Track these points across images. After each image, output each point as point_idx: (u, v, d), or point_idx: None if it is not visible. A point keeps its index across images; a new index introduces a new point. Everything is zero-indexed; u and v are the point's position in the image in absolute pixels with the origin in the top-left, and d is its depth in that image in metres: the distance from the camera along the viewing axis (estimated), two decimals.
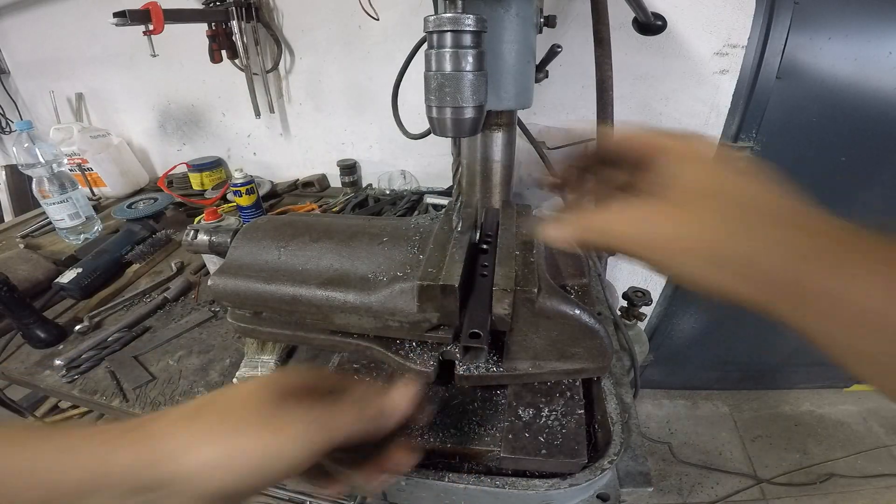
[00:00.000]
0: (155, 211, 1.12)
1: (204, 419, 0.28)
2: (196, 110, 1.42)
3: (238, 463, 0.26)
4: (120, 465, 0.26)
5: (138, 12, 0.91)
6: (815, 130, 1.11)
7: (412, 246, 0.51)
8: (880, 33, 0.98)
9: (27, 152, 0.98)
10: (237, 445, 0.27)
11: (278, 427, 0.27)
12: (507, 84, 0.49)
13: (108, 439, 0.27)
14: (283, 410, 0.28)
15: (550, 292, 0.43)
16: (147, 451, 0.26)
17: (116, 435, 0.27)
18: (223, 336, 0.73)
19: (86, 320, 0.77)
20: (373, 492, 0.32)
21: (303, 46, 1.22)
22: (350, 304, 0.47)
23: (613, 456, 0.45)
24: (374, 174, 1.32)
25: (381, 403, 0.32)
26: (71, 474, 0.26)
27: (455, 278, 0.43)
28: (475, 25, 0.39)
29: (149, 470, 0.26)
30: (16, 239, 1.09)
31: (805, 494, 1.45)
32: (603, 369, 0.50)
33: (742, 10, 0.95)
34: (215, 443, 0.27)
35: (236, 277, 0.51)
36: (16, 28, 1.42)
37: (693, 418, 1.71)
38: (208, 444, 0.27)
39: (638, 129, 0.30)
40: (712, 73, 1.03)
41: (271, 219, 0.59)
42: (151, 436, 0.27)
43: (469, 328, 0.39)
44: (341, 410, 0.30)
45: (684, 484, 1.50)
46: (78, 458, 0.26)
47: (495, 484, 0.43)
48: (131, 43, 1.27)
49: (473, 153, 0.54)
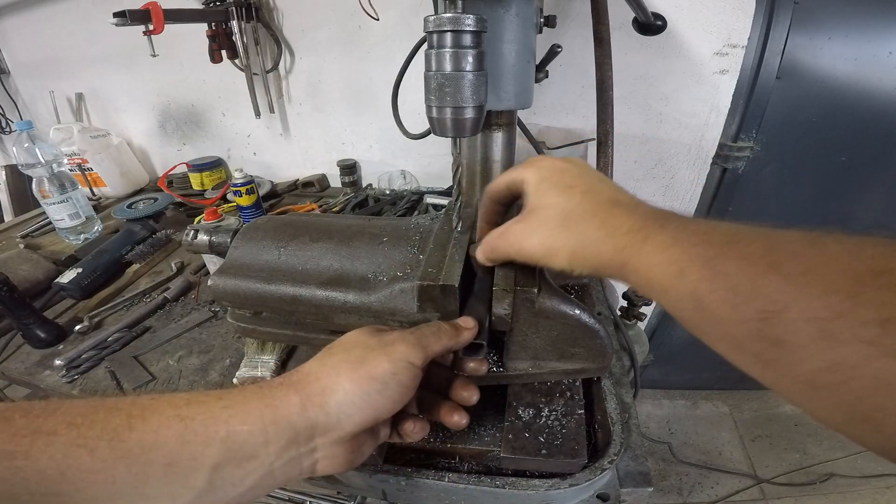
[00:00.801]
0: (155, 211, 1.12)
1: (334, 356, 0.33)
2: (196, 110, 1.42)
3: (367, 390, 0.31)
4: (286, 412, 0.29)
5: (138, 12, 0.91)
6: (815, 130, 1.11)
7: (412, 246, 0.51)
8: (880, 33, 0.98)
9: (27, 152, 0.98)
10: (366, 373, 0.31)
11: (388, 351, 0.33)
12: (507, 84, 0.49)
13: (265, 392, 0.30)
14: (384, 339, 0.34)
15: (550, 292, 0.43)
16: (301, 397, 0.30)
17: (272, 386, 0.31)
18: (223, 336, 0.73)
19: (86, 320, 0.77)
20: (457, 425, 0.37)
21: (303, 46, 1.22)
22: (350, 304, 0.47)
23: (613, 456, 0.45)
24: (374, 174, 1.32)
25: (455, 324, 0.39)
26: (242, 427, 0.28)
27: (455, 278, 0.43)
28: (475, 25, 0.39)
29: (302, 416, 0.29)
30: (16, 239, 1.09)
31: (805, 494, 1.45)
32: (603, 369, 0.50)
33: (742, 10, 0.95)
34: (350, 376, 0.31)
35: (236, 277, 0.51)
36: (16, 28, 1.42)
37: (693, 418, 1.71)
38: (345, 377, 0.31)
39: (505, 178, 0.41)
40: (712, 73, 1.03)
41: (271, 219, 0.59)
42: (300, 382, 0.31)
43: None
44: (426, 334, 0.36)
45: (684, 484, 1.50)
46: (248, 408, 0.28)
47: (495, 484, 0.43)
48: (131, 43, 1.26)
49: (473, 153, 0.54)
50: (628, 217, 0.31)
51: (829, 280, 0.20)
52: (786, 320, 0.21)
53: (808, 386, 0.21)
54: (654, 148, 1.15)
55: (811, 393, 0.21)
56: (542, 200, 0.36)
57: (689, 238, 0.27)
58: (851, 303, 0.19)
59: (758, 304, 0.22)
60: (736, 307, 0.23)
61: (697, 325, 0.26)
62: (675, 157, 1.17)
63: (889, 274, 0.19)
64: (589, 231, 0.32)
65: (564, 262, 0.34)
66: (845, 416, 0.20)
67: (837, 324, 0.19)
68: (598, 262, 0.32)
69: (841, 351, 0.19)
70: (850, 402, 0.19)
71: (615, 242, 0.31)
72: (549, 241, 0.35)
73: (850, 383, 0.19)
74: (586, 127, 1.10)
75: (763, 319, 0.22)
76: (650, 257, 0.28)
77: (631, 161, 1.18)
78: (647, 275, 0.29)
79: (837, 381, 0.20)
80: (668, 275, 0.27)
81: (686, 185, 1.21)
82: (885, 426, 0.19)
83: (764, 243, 0.24)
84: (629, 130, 1.13)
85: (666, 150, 1.16)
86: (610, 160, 0.73)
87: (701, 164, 1.17)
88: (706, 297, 0.25)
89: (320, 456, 0.31)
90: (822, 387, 0.20)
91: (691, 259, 0.26)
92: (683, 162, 1.17)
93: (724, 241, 0.25)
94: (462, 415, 0.37)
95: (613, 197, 0.34)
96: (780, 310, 0.22)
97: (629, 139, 1.14)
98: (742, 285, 0.23)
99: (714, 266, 0.25)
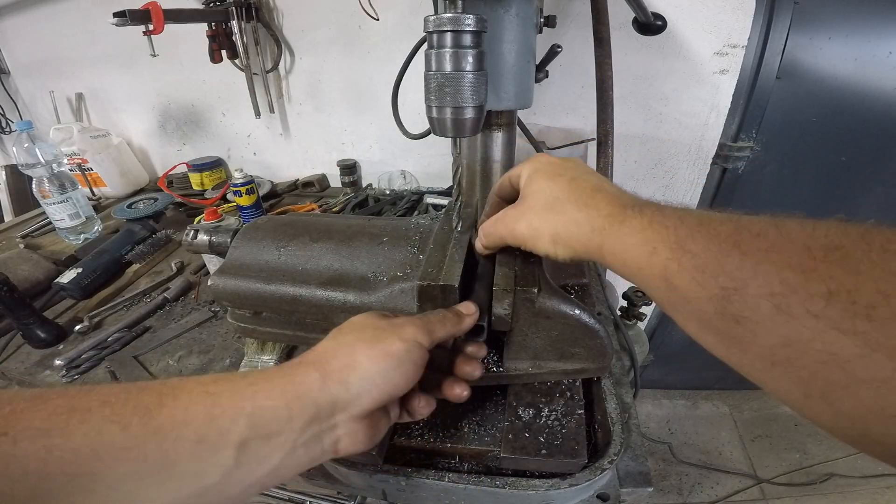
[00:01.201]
0: (155, 211, 1.12)
1: (347, 336, 0.34)
2: (196, 110, 1.42)
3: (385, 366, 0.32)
4: (308, 387, 0.30)
5: (138, 12, 0.91)
6: (815, 130, 1.11)
7: (412, 246, 0.51)
8: (880, 33, 0.98)
9: (27, 152, 0.98)
10: (382, 350, 0.32)
11: (399, 332, 0.34)
12: (507, 84, 0.48)
13: (286, 371, 0.31)
14: (393, 322, 0.35)
15: (550, 292, 0.43)
16: (321, 373, 0.30)
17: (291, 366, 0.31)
18: (223, 336, 0.73)
19: (86, 320, 0.77)
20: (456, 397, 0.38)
21: (303, 46, 1.22)
22: (350, 304, 0.47)
23: (613, 456, 0.45)
24: (374, 174, 1.32)
25: (457, 311, 0.40)
26: (267, 402, 0.28)
27: (455, 278, 0.43)
28: (475, 25, 0.39)
29: (324, 391, 0.30)
30: (16, 239, 1.09)
31: (805, 494, 1.45)
32: (603, 369, 0.49)
33: (742, 10, 0.95)
34: (367, 353, 0.32)
35: (236, 277, 0.51)
36: (16, 28, 1.42)
37: (693, 418, 1.71)
38: (363, 354, 0.32)
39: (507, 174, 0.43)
40: (712, 73, 1.03)
41: (271, 219, 0.59)
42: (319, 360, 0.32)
43: None
44: (431, 320, 0.37)
45: (684, 484, 1.50)
46: (272, 385, 0.29)
47: (495, 484, 0.43)
48: (131, 43, 1.27)
49: (473, 153, 0.54)
50: (608, 202, 0.33)
51: (785, 257, 0.21)
52: (745, 296, 0.22)
53: (767, 362, 0.22)
54: (654, 148, 1.15)
55: (770, 370, 0.22)
56: (532, 187, 0.39)
57: (664, 221, 0.28)
58: (803, 278, 0.20)
59: (720, 281, 0.23)
60: (701, 284, 0.24)
61: (669, 304, 0.28)
62: (675, 157, 1.17)
63: (840, 250, 0.20)
64: (571, 212, 0.34)
65: (548, 243, 0.36)
66: (801, 392, 0.20)
67: (791, 299, 0.20)
68: (578, 243, 0.34)
69: (794, 325, 0.20)
70: (805, 378, 0.20)
71: (594, 224, 0.33)
72: (535, 222, 0.37)
73: (803, 358, 0.20)
74: (586, 127, 1.10)
75: (725, 297, 0.23)
76: (627, 238, 0.30)
77: (631, 161, 1.18)
78: (623, 255, 0.30)
79: (792, 356, 0.20)
80: (641, 255, 0.28)
81: (686, 185, 1.21)
82: (835, 402, 0.19)
83: (732, 225, 0.25)
84: (629, 130, 1.13)
85: (666, 150, 1.16)
86: (610, 160, 0.73)
87: (701, 164, 1.17)
88: (675, 275, 0.26)
89: (342, 433, 0.31)
90: (779, 363, 0.21)
91: (663, 239, 0.27)
92: (683, 162, 1.17)
93: (694, 224, 0.26)
94: (463, 387, 0.38)
95: (597, 185, 0.36)
96: (739, 286, 0.22)
97: (629, 139, 1.14)
98: (707, 264, 0.24)
99: (683, 246, 0.26)
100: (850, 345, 0.18)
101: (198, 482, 0.26)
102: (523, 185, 0.40)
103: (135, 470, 0.24)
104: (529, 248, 0.39)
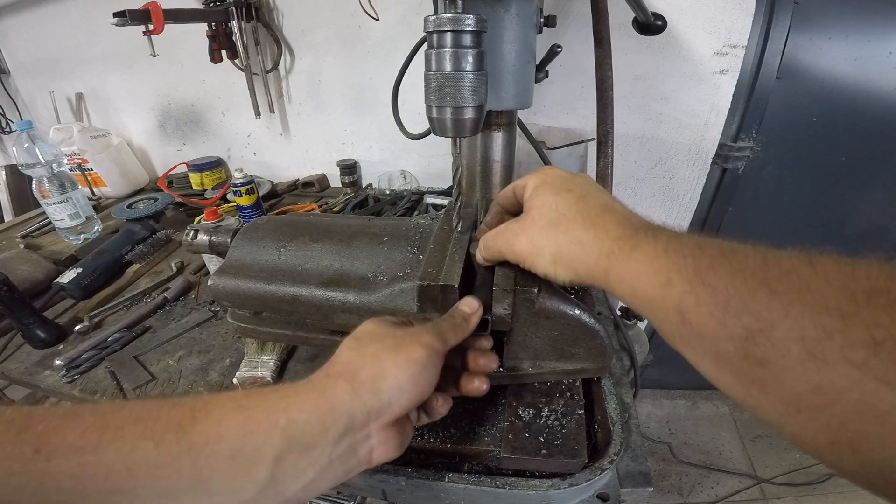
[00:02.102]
0: (155, 211, 1.11)
1: (369, 346, 0.33)
2: (196, 110, 1.42)
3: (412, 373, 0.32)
4: (340, 399, 0.29)
5: (138, 12, 0.91)
6: (815, 130, 1.11)
7: (412, 246, 0.51)
8: (880, 33, 0.98)
9: (27, 152, 0.98)
10: (407, 357, 0.32)
11: (417, 339, 0.34)
12: (507, 84, 0.49)
13: (315, 384, 0.31)
14: (409, 330, 0.35)
15: (550, 292, 0.43)
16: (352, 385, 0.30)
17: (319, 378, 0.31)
18: (223, 336, 0.73)
19: (86, 320, 0.77)
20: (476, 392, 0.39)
21: (303, 46, 1.22)
22: (350, 304, 0.47)
23: (613, 456, 0.45)
24: (374, 174, 1.32)
25: (463, 312, 0.40)
26: (300, 415, 0.28)
27: (455, 278, 0.43)
28: (475, 25, 0.39)
29: (357, 402, 0.29)
30: (16, 239, 1.09)
31: (805, 494, 1.45)
32: (603, 369, 0.50)
33: (742, 10, 0.95)
34: (394, 361, 0.32)
35: (236, 277, 0.51)
36: (16, 28, 1.42)
37: (693, 418, 1.71)
38: (390, 362, 0.32)
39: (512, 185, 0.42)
40: (712, 73, 1.03)
41: (271, 219, 0.59)
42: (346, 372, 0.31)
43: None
44: (444, 328, 0.37)
45: (684, 484, 1.50)
46: (304, 398, 0.29)
47: (495, 484, 0.43)
48: (131, 43, 1.26)
49: (473, 153, 0.54)
50: (619, 224, 0.31)
51: (821, 299, 0.20)
52: (773, 339, 0.20)
53: (792, 408, 0.20)
54: (654, 148, 1.15)
55: (795, 416, 0.20)
56: (537, 201, 0.37)
57: (681, 249, 0.26)
58: (842, 323, 0.19)
59: (745, 321, 0.22)
60: (722, 323, 0.22)
61: (681, 338, 0.26)
62: (674, 157, 1.17)
63: (884, 294, 0.18)
64: (577, 232, 0.32)
65: (548, 262, 0.34)
66: (828, 440, 0.19)
67: (826, 344, 0.19)
68: (581, 266, 0.32)
69: (828, 373, 0.19)
70: (834, 427, 0.19)
71: (602, 246, 0.30)
72: (537, 239, 0.35)
73: (834, 407, 0.18)
74: (586, 127, 1.10)
75: (749, 338, 0.21)
76: (638, 265, 0.28)
77: (631, 161, 1.18)
78: (633, 283, 0.28)
79: (822, 404, 0.19)
80: (654, 285, 0.26)
81: (686, 185, 1.21)
82: (865, 451, 0.18)
83: (757, 259, 0.23)
84: (629, 130, 1.13)
85: (666, 150, 1.16)
86: (610, 160, 0.73)
87: (701, 165, 1.17)
88: (692, 310, 0.24)
89: (375, 442, 0.31)
90: (806, 410, 0.20)
91: (680, 270, 0.25)
92: (683, 162, 1.17)
93: (716, 254, 0.25)
94: (483, 380, 0.38)
95: (607, 204, 0.34)
96: (767, 328, 0.21)
97: (629, 139, 1.14)
98: (731, 301, 0.22)
99: (703, 279, 0.24)
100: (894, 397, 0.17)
101: (233, 498, 0.26)
102: (528, 197, 0.38)
103: (169, 487, 0.24)
104: (528, 267, 0.37)
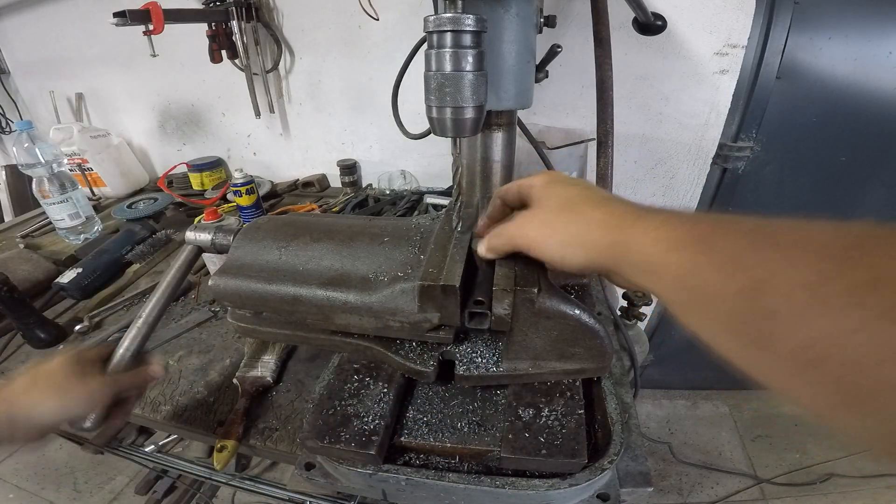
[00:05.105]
0: (155, 211, 1.12)
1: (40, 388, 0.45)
2: (196, 110, 1.42)
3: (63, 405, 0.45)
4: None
5: (138, 12, 0.91)
6: (815, 130, 1.11)
7: (413, 246, 0.51)
8: (880, 33, 0.98)
9: (27, 152, 0.98)
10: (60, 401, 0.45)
11: (72, 391, 0.46)
12: (507, 84, 0.49)
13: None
14: (74, 381, 0.46)
15: (550, 292, 0.43)
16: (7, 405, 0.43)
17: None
18: (223, 336, 0.73)
19: (86, 320, 0.77)
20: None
21: (303, 46, 1.22)
22: (351, 305, 0.47)
23: (613, 456, 0.45)
24: (374, 174, 1.32)
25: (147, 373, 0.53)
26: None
27: (456, 278, 0.43)
28: (475, 25, 0.39)
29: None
30: (16, 239, 1.09)
31: (805, 494, 1.45)
32: (603, 369, 0.50)
33: (742, 10, 0.95)
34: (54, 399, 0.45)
35: (237, 277, 0.51)
36: (16, 28, 1.42)
37: (693, 418, 1.71)
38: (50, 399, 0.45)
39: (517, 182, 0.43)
40: (712, 73, 1.03)
41: (272, 219, 0.59)
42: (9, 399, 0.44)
43: (475, 297, 0.43)
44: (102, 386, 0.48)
45: (684, 484, 1.50)
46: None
47: (495, 484, 0.43)
48: (131, 43, 1.27)
49: (473, 153, 0.54)
50: (623, 204, 0.34)
51: (821, 248, 0.21)
52: (779, 287, 0.21)
53: (798, 363, 0.20)
54: (654, 148, 1.15)
55: (801, 372, 0.20)
56: (547, 191, 0.39)
57: (681, 219, 0.28)
58: (841, 267, 0.19)
59: (751, 273, 0.22)
60: (730, 276, 0.23)
61: (688, 303, 0.26)
62: (675, 157, 1.17)
63: (876, 239, 0.19)
64: (587, 211, 0.34)
65: (557, 246, 0.35)
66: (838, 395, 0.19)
67: (829, 287, 0.19)
68: (589, 240, 0.33)
69: (834, 316, 0.19)
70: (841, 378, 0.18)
71: (609, 221, 0.32)
72: (547, 224, 0.37)
73: (842, 353, 0.18)
74: (586, 127, 1.11)
75: (756, 289, 0.22)
76: (643, 234, 0.29)
77: (631, 161, 1.18)
78: (639, 252, 0.29)
79: (831, 351, 0.19)
80: (659, 251, 0.28)
81: (686, 185, 1.21)
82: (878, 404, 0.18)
83: (755, 222, 0.25)
84: (629, 130, 1.13)
85: (666, 150, 1.16)
86: (610, 160, 0.74)
87: (701, 164, 1.17)
88: (699, 269, 0.25)
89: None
90: (815, 360, 0.19)
91: (683, 235, 0.27)
92: (683, 162, 1.17)
93: (714, 221, 0.26)
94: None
95: (610, 196, 0.37)
96: (771, 277, 0.21)
97: (629, 139, 1.14)
98: (737, 255, 0.23)
99: (706, 240, 0.25)
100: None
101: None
102: (537, 193, 0.40)
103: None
104: (536, 254, 0.38)
